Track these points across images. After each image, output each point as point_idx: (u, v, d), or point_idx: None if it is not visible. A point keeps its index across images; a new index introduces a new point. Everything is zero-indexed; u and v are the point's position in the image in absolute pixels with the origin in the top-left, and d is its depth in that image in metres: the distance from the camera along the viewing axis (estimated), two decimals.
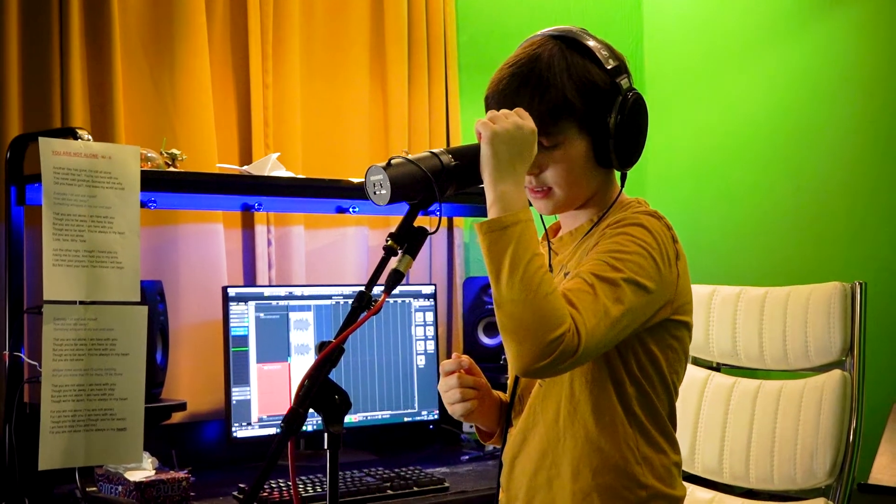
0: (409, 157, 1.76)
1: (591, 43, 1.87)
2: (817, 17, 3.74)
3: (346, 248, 3.62)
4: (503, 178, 1.73)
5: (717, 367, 2.85)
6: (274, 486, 2.75)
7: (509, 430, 1.99)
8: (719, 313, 2.76)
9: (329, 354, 1.63)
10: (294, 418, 1.60)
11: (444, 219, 3.78)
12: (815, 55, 3.73)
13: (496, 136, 1.73)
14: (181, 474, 2.71)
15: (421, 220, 1.74)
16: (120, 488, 2.65)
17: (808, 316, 2.57)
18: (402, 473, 2.90)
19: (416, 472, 2.93)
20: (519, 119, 1.74)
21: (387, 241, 1.72)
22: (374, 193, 1.75)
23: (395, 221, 3.63)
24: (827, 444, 2.45)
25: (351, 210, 3.39)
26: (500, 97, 1.86)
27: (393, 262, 1.74)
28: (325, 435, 1.64)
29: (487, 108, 1.89)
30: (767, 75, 3.90)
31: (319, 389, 1.63)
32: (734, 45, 4.05)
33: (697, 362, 2.83)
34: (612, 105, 1.84)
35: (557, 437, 1.87)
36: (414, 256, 1.74)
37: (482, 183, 1.83)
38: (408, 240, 1.74)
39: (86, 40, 3.07)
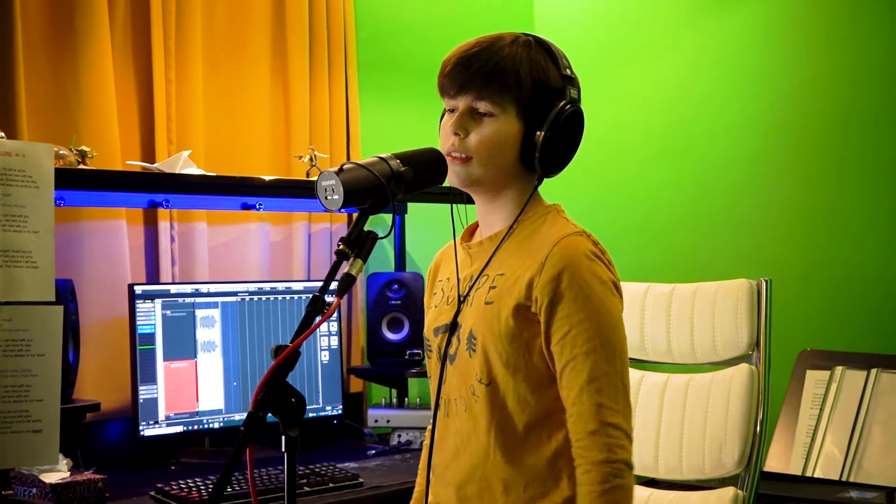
0: (360, 161, 1.79)
1: (556, 49, 1.97)
2: (704, 19, 3.88)
3: (249, 244, 3.61)
4: None
5: None
6: (191, 485, 2.74)
7: (439, 436, 2.03)
8: (627, 309, 2.82)
9: (286, 359, 1.65)
10: (253, 421, 1.61)
11: (346, 216, 3.81)
12: (703, 55, 3.86)
13: None
14: (97, 475, 2.68)
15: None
16: (35, 490, 2.62)
17: (716, 312, 2.67)
18: (316, 470, 2.92)
19: (329, 468, 2.95)
20: None
21: (338, 245, 1.74)
22: (326, 198, 1.77)
23: (297, 218, 3.67)
24: (736, 435, 2.55)
25: (257, 206, 3.40)
26: (460, 58, 1.92)
27: (345, 266, 1.76)
28: (283, 438, 1.66)
29: (443, 71, 1.95)
30: (658, 74, 4.02)
31: (276, 393, 1.65)
32: (624, 45, 4.17)
33: None
34: (553, 106, 1.92)
35: (488, 453, 1.93)
36: (365, 260, 1.76)
37: (429, 187, 1.88)
38: (359, 244, 1.75)
39: None
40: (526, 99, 1.92)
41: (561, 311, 1.85)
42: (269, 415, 1.64)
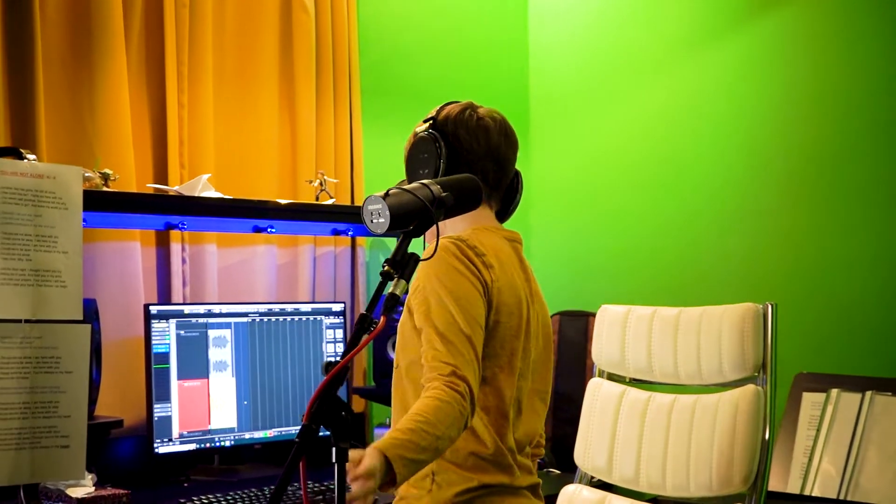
0: (405, 187, 1.88)
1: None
2: (692, 52, 3.97)
3: (256, 265, 3.68)
4: None
5: (628, 382, 3.01)
6: (213, 500, 2.80)
7: None
8: (634, 332, 2.93)
9: (337, 374, 1.73)
10: (307, 433, 1.69)
11: (349, 240, 3.89)
12: (691, 87, 3.96)
13: None
14: (120, 491, 2.75)
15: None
16: None
17: (723, 334, 2.76)
18: (331, 486, 2.98)
19: None
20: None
21: (383, 267, 1.83)
22: (371, 221, 1.86)
23: (303, 241, 3.74)
24: (743, 454, 2.64)
25: (269, 230, 3.47)
26: None
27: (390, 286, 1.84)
28: (334, 449, 1.74)
29: None
30: (648, 105, 4.12)
31: (328, 406, 1.73)
32: (615, 76, 4.27)
33: (613, 378, 3.00)
34: None
35: None
36: (408, 281, 1.84)
37: (468, 210, 1.99)
38: (403, 265, 1.84)
39: (7, 59, 3.08)
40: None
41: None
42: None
